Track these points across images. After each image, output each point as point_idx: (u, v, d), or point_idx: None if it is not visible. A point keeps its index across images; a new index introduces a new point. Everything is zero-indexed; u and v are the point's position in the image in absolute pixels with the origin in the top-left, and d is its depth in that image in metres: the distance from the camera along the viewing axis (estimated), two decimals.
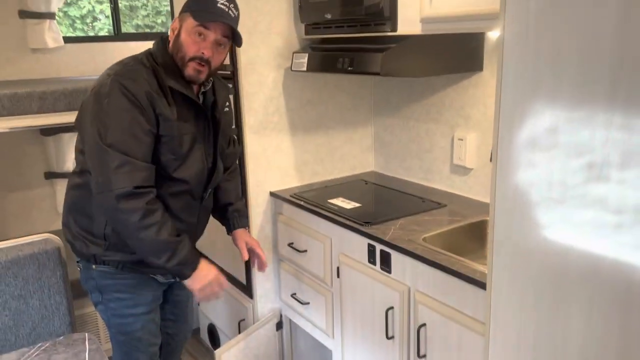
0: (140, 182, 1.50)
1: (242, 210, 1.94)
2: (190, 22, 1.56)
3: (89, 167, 1.57)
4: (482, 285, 1.38)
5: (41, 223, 3.68)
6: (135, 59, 1.60)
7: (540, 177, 1.00)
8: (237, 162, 2.03)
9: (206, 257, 1.72)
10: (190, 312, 2.05)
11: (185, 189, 1.65)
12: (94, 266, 1.69)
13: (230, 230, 1.91)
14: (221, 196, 1.90)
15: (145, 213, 1.50)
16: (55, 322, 2.04)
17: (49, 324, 2.03)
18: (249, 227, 1.99)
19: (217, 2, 1.55)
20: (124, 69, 1.55)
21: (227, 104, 1.82)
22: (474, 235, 1.84)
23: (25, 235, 2.11)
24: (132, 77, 1.52)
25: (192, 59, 1.57)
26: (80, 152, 1.64)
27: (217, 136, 1.73)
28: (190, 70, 1.58)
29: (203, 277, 1.62)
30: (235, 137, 2.00)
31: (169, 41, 1.63)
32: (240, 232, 1.90)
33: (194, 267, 1.61)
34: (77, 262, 1.75)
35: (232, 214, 1.90)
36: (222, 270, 2.55)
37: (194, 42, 1.56)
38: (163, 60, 1.59)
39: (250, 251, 1.89)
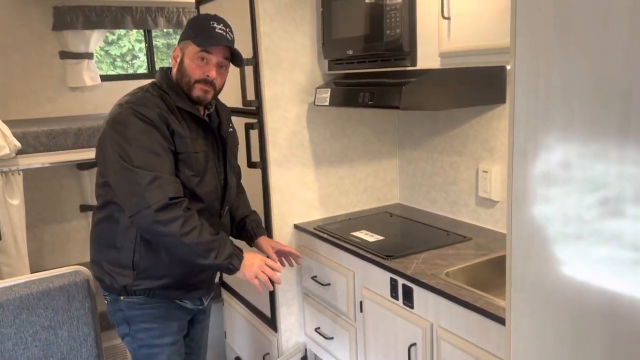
0: (173, 193, 1.56)
1: (258, 220, 2.01)
2: (192, 48, 1.66)
3: (115, 194, 1.62)
4: (503, 322, 1.34)
5: (76, 254, 3.78)
6: (141, 89, 1.70)
7: (556, 212, 0.98)
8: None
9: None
10: (204, 346, 2.07)
11: (202, 207, 1.70)
12: (122, 297, 1.73)
13: (252, 240, 1.96)
14: (234, 212, 1.97)
15: (184, 220, 1.55)
16: (83, 353, 2.07)
17: (77, 356, 2.06)
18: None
19: (215, 27, 1.66)
20: (133, 98, 1.64)
21: (231, 124, 1.89)
22: (499, 270, 1.80)
23: (60, 267, 2.17)
24: (142, 103, 1.61)
25: (198, 81, 1.67)
26: (101, 186, 1.70)
27: (225, 154, 1.80)
28: (197, 91, 1.68)
29: (250, 264, 1.66)
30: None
31: (171, 70, 1.73)
32: (263, 239, 1.96)
33: (240, 257, 1.66)
34: (105, 295, 1.79)
35: (251, 225, 1.96)
36: (247, 303, 2.57)
37: (198, 66, 1.66)
38: (169, 86, 1.68)
39: (279, 253, 1.93)
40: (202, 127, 1.71)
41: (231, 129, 1.88)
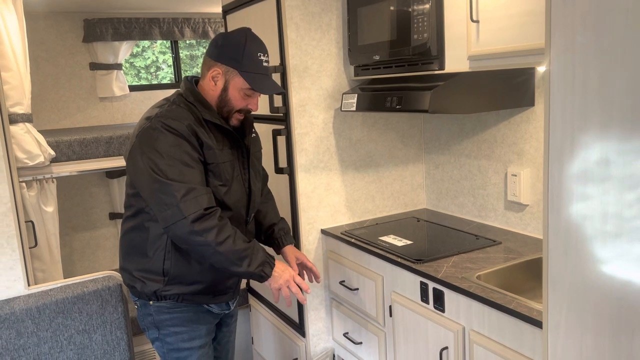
0: (207, 203, 1.59)
1: (286, 229, 2.01)
2: (240, 82, 1.67)
3: (147, 204, 1.65)
4: (539, 324, 1.33)
5: (105, 262, 3.85)
6: (168, 100, 1.72)
7: (594, 210, 0.98)
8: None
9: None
10: (232, 350, 2.08)
11: (230, 215, 1.72)
12: (151, 302, 1.76)
13: (279, 248, 1.98)
14: (263, 218, 1.98)
15: (219, 229, 1.58)
16: (116, 357, 2.11)
17: (110, 359, 2.10)
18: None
19: (262, 60, 1.67)
20: (161, 111, 1.66)
21: (253, 130, 1.90)
22: (530, 274, 1.78)
23: (90, 273, 2.22)
24: (170, 115, 1.63)
25: (238, 111, 1.71)
26: (132, 196, 1.72)
27: (249, 161, 1.82)
28: (234, 120, 1.73)
29: (279, 276, 1.68)
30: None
31: (196, 80, 1.74)
32: (289, 249, 1.97)
33: (272, 265, 1.67)
34: (135, 301, 1.82)
35: (279, 233, 1.97)
36: (274, 308, 2.58)
37: (242, 98, 1.69)
38: (195, 98, 1.70)
39: (301, 266, 1.95)
40: (227, 136, 1.73)
41: (254, 135, 1.90)
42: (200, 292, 1.75)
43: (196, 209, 1.55)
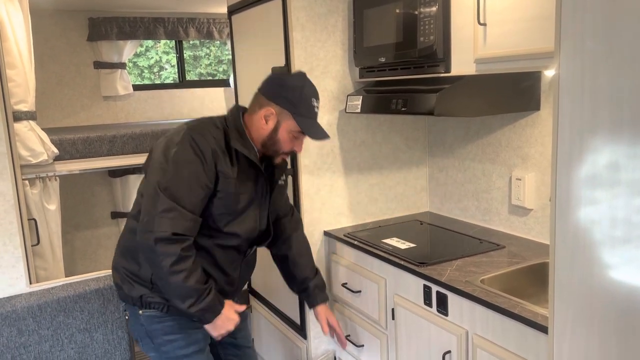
0: (180, 230, 1.56)
1: (321, 285, 1.99)
2: (292, 124, 1.66)
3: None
4: (543, 329, 1.32)
5: (106, 260, 3.83)
6: (211, 118, 1.72)
7: (603, 215, 0.97)
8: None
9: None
10: (253, 353, 2.07)
11: (234, 243, 1.72)
12: (140, 311, 1.72)
13: (311, 306, 1.98)
14: (297, 270, 1.96)
15: (178, 259, 1.55)
16: (117, 357, 2.11)
17: (111, 358, 2.10)
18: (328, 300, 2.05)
19: (315, 106, 1.68)
20: (198, 123, 1.66)
21: (283, 177, 1.89)
22: (535, 278, 1.78)
23: (92, 272, 2.22)
24: (202, 132, 1.62)
25: (285, 153, 1.72)
26: (142, 195, 1.71)
27: (270, 198, 1.80)
28: (279, 160, 1.75)
29: (221, 325, 1.66)
30: (293, 206, 2.04)
31: (245, 111, 1.73)
32: (321, 308, 1.97)
33: (216, 314, 1.64)
34: (124, 310, 1.79)
35: (314, 291, 1.96)
36: (275, 310, 2.57)
37: (291, 140, 1.69)
38: (235, 126, 1.68)
39: (331, 327, 1.97)
40: (254, 171, 1.72)
41: (282, 182, 1.89)
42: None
43: (166, 230, 1.54)
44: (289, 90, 1.66)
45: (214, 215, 1.65)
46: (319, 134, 1.69)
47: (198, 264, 1.61)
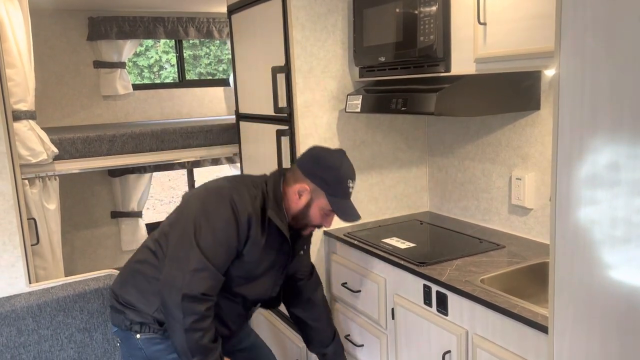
0: (208, 290, 1.57)
1: (339, 351, 2.02)
2: (324, 203, 1.67)
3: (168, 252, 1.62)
4: (544, 329, 1.32)
5: (106, 260, 3.84)
6: (254, 181, 1.73)
7: (603, 214, 0.97)
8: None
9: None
10: (264, 346, 2.07)
11: (241, 301, 1.74)
12: (138, 335, 1.68)
13: None
14: (315, 335, 1.99)
15: (200, 318, 1.56)
16: (117, 356, 2.10)
17: (110, 358, 2.09)
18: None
19: (349, 187, 1.69)
20: (241, 185, 1.67)
21: (305, 247, 1.91)
22: (535, 278, 1.77)
23: (91, 272, 2.22)
24: (242, 193, 1.63)
25: (313, 226, 1.74)
26: (166, 234, 1.68)
27: (287, 266, 1.81)
28: (307, 232, 1.77)
29: None
30: (313, 266, 2.04)
31: (283, 178, 1.73)
32: None
33: None
34: (116, 338, 1.74)
35: (333, 357, 2.00)
36: (276, 310, 2.57)
37: (321, 216, 1.71)
38: (274, 195, 1.69)
39: None
40: (280, 240, 1.72)
41: (303, 252, 1.89)
42: None
43: (195, 288, 1.54)
44: (325, 170, 1.67)
45: (231, 275, 1.66)
46: (350, 216, 1.71)
47: (213, 324, 1.62)
